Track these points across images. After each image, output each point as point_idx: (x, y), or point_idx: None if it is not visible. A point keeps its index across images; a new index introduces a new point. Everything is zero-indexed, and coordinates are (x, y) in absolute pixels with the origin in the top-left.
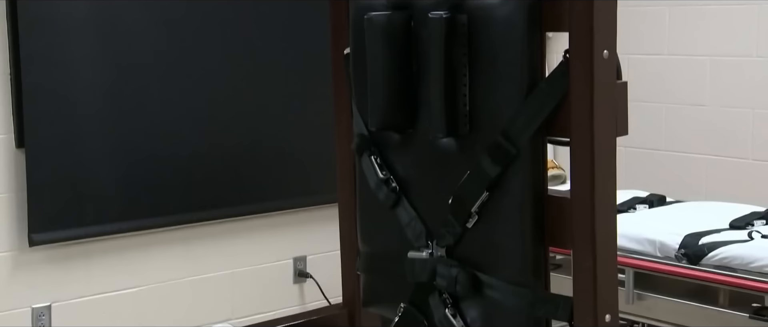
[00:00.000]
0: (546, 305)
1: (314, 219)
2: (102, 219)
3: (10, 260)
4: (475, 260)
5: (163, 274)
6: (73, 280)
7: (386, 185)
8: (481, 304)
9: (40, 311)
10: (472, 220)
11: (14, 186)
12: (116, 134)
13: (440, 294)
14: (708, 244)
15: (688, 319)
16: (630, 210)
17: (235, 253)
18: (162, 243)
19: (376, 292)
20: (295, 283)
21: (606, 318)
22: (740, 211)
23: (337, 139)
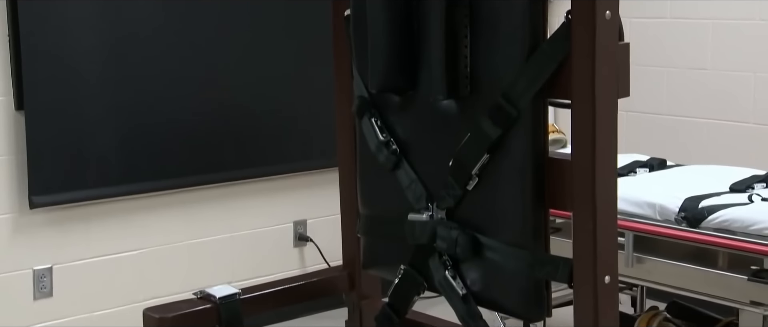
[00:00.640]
0: (546, 267)
1: (314, 183)
2: (102, 182)
3: (11, 222)
4: (475, 222)
5: (163, 238)
6: (73, 242)
7: (386, 147)
8: (481, 266)
9: (41, 273)
10: (472, 182)
11: (14, 148)
12: (116, 98)
13: (440, 256)
14: (708, 207)
15: (687, 282)
16: (630, 174)
17: (235, 216)
18: (162, 206)
19: (376, 254)
20: (295, 246)
21: (605, 279)
22: (741, 174)
23: (337, 101)
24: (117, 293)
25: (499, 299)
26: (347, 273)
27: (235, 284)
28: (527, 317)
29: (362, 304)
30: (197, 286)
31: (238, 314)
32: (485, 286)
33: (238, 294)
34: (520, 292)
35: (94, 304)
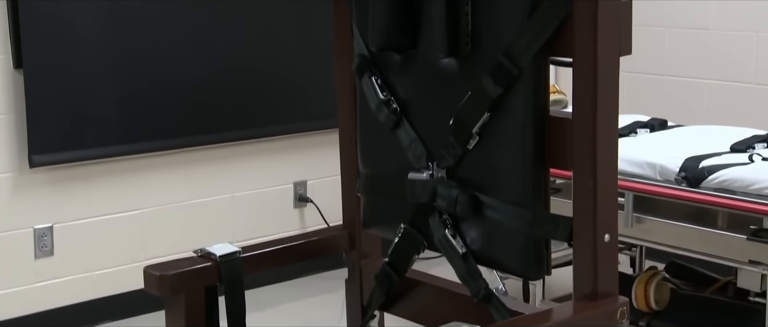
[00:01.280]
0: (546, 225)
1: (315, 144)
2: (102, 142)
3: (11, 181)
4: (476, 181)
5: (163, 198)
6: (74, 201)
7: (387, 106)
8: (481, 225)
9: (42, 232)
10: (472, 141)
11: (13, 107)
12: (116, 58)
13: (440, 215)
14: (708, 167)
15: (686, 242)
16: (631, 134)
17: (235, 177)
18: (162, 166)
19: (376, 213)
20: (295, 207)
21: (605, 238)
22: (742, 134)
23: (337, 60)
24: (118, 252)
25: (498, 258)
26: (347, 232)
27: (235, 244)
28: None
29: (362, 263)
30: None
31: (239, 272)
32: (485, 245)
33: (239, 252)
34: (520, 250)
35: (95, 263)
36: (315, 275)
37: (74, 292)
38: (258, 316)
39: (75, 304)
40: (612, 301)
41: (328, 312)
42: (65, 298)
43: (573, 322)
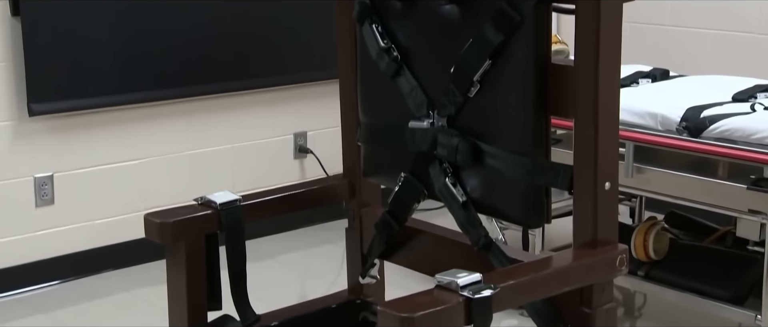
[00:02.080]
0: (546, 173)
1: (315, 95)
2: (101, 91)
3: (11, 130)
4: (476, 129)
5: (163, 148)
6: (74, 150)
7: (387, 54)
8: (481, 173)
9: (42, 181)
10: (473, 89)
11: (11, 55)
12: (115, 6)
13: (440, 163)
14: (710, 117)
15: (686, 191)
16: (632, 84)
17: (235, 127)
18: (162, 116)
19: (377, 162)
20: (295, 158)
21: (606, 185)
22: (744, 84)
23: (337, 7)
24: (118, 202)
25: (499, 206)
26: (347, 181)
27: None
28: (527, 224)
29: (362, 213)
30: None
31: (239, 220)
32: (485, 193)
33: (239, 200)
34: (520, 199)
35: (96, 213)
36: (315, 226)
37: (75, 240)
38: (258, 266)
39: (76, 253)
40: (612, 249)
41: (328, 262)
42: (66, 246)
43: (573, 269)
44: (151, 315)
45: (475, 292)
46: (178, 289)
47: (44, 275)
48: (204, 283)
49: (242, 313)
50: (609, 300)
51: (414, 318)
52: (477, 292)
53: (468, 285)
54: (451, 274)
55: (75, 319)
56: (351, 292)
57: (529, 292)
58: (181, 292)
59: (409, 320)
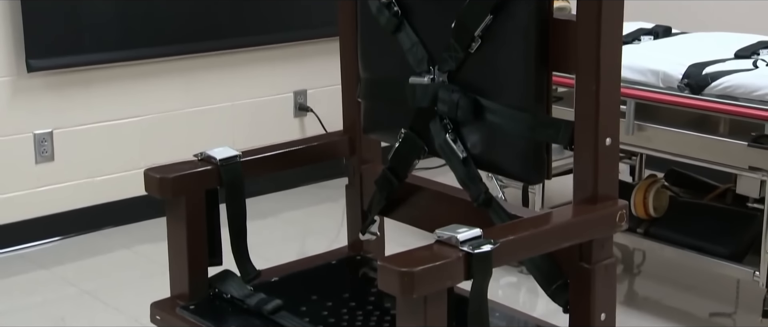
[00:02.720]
0: (547, 129)
1: (315, 52)
2: (100, 47)
3: (9, 85)
4: (477, 85)
5: (163, 105)
6: (73, 107)
7: (387, 9)
8: (482, 129)
9: (42, 137)
10: (474, 44)
11: (9, 11)
12: None
13: (441, 119)
14: (711, 74)
15: (687, 149)
16: (634, 41)
17: (235, 85)
18: (162, 73)
19: (377, 118)
20: (295, 116)
21: (606, 141)
22: (746, 40)
23: None
24: (118, 159)
25: (499, 162)
26: (348, 137)
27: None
28: (527, 180)
29: (362, 169)
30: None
31: (239, 175)
32: (486, 149)
33: (239, 156)
34: (521, 154)
35: (96, 169)
36: (315, 184)
37: (76, 197)
38: (259, 223)
39: (77, 210)
40: (612, 205)
41: (328, 220)
42: (67, 203)
43: (572, 225)
44: (152, 271)
45: (475, 247)
46: (178, 245)
47: (45, 231)
48: (204, 239)
49: (243, 269)
50: (608, 256)
51: (414, 273)
52: (477, 247)
53: (468, 240)
54: (451, 229)
55: (76, 275)
56: (351, 248)
57: (528, 247)
58: (181, 248)
59: (409, 275)
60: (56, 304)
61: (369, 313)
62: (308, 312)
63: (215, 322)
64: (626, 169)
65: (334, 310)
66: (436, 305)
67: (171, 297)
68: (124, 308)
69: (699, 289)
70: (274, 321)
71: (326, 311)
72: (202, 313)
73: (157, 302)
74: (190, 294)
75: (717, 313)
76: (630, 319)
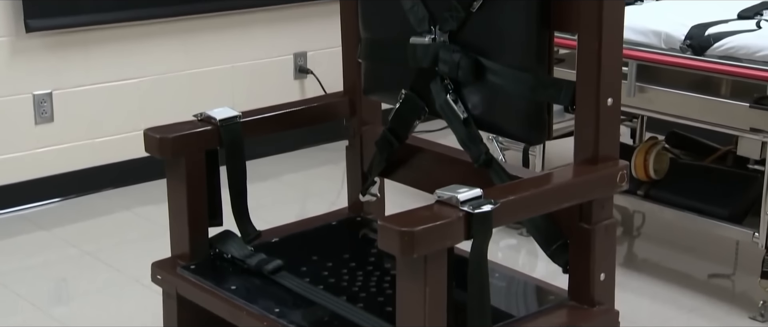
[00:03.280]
0: (548, 90)
1: (315, 14)
2: (100, 7)
3: (8, 46)
4: (478, 45)
5: (163, 66)
6: (72, 68)
7: None
8: (483, 90)
9: (41, 98)
10: (476, 3)
11: None
12: None
13: (442, 80)
14: (714, 35)
15: (688, 111)
16: (637, 2)
17: (235, 47)
18: (161, 34)
19: (377, 79)
20: (295, 79)
21: (608, 101)
22: (750, 1)
23: None
24: (118, 120)
25: (500, 123)
26: (348, 98)
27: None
28: (528, 140)
29: (363, 130)
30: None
31: (239, 136)
32: (487, 110)
33: (239, 116)
34: (522, 115)
35: (96, 130)
36: (316, 147)
37: (76, 158)
38: (259, 186)
39: (77, 171)
40: (612, 165)
41: (328, 182)
42: (67, 164)
43: (573, 185)
44: (153, 232)
45: (475, 207)
46: (178, 205)
47: (45, 192)
48: (204, 199)
49: (243, 229)
50: (609, 216)
51: (414, 232)
52: (477, 207)
53: (468, 200)
54: (452, 189)
55: (77, 236)
56: (351, 209)
57: (529, 207)
58: (181, 208)
59: (409, 235)
60: (57, 265)
61: (369, 273)
62: (308, 272)
63: (216, 281)
64: (627, 132)
65: (334, 270)
66: (436, 265)
67: (172, 257)
68: (125, 269)
69: (698, 251)
70: (275, 281)
71: (326, 271)
72: (203, 272)
73: (158, 262)
74: (190, 254)
75: (716, 274)
76: (629, 280)
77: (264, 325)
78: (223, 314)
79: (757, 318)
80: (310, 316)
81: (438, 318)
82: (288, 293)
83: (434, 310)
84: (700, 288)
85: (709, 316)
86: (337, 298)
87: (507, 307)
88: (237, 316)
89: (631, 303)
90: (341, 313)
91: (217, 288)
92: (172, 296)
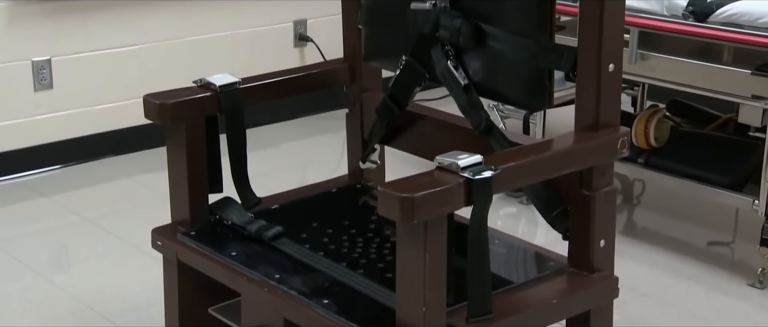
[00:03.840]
0: (549, 55)
1: None
2: None
3: (7, 11)
4: (479, 11)
5: (162, 34)
6: (71, 35)
7: None
8: (484, 56)
9: (40, 64)
10: None
11: None
12: None
13: (443, 46)
14: (716, 1)
15: (689, 78)
16: None
17: (234, 14)
18: (161, 1)
19: (377, 45)
20: (295, 47)
21: (609, 67)
22: None
23: None
24: (117, 87)
25: (501, 89)
26: (348, 65)
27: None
28: (529, 107)
29: (363, 97)
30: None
31: (239, 102)
32: (487, 76)
33: (239, 82)
34: (523, 81)
35: (95, 98)
36: (316, 115)
37: (75, 125)
38: (259, 154)
39: (77, 138)
40: (613, 131)
41: (329, 151)
42: (67, 131)
43: (574, 151)
44: (153, 200)
45: (475, 173)
46: (178, 171)
47: (45, 159)
48: (204, 166)
49: (243, 196)
50: (609, 183)
51: (414, 198)
52: (478, 173)
53: (469, 166)
54: (452, 155)
55: (77, 203)
56: (351, 176)
57: (529, 173)
58: (181, 174)
59: (409, 200)
60: (58, 232)
61: (369, 240)
62: (308, 239)
63: (216, 247)
64: (628, 101)
65: (334, 237)
66: (436, 231)
67: (172, 223)
68: (126, 236)
69: (698, 219)
70: (275, 247)
71: (326, 238)
72: (203, 239)
73: (158, 228)
74: (190, 220)
75: (715, 242)
76: (628, 248)
77: (264, 290)
78: (223, 280)
79: (755, 285)
80: (310, 282)
81: (438, 284)
82: (288, 259)
83: (434, 275)
84: (700, 255)
85: (707, 284)
86: (337, 265)
87: (507, 274)
88: (237, 281)
89: (630, 270)
90: (341, 280)
91: (218, 254)
92: (173, 262)
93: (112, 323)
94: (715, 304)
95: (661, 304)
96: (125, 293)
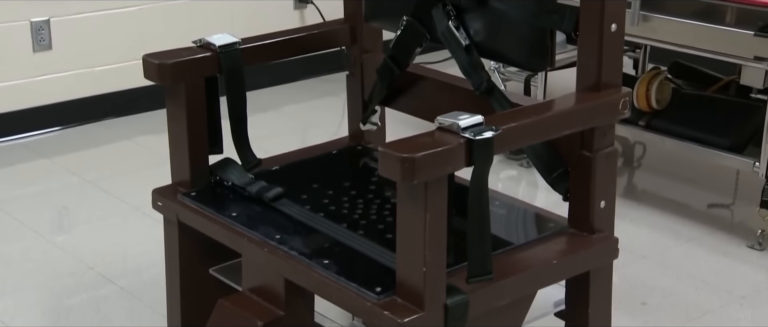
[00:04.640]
0: (551, 16)
1: None
2: None
3: None
4: None
5: None
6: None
7: None
8: (485, 16)
9: (39, 25)
10: None
11: None
12: None
13: (444, 5)
14: None
15: (692, 39)
16: None
17: None
18: None
19: (378, 5)
20: (295, 9)
21: (612, 27)
22: None
23: None
24: (117, 49)
25: (502, 50)
26: (349, 26)
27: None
28: (530, 67)
29: (363, 59)
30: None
31: (239, 62)
32: (489, 36)
33: (238, 43)
34: (524, 41)
35: (94, 59)
36: (316, 78)
37: (75, 87)
38: (260, 117)
39: (77, 99)
40: (615, 92)
41: (329, 113)
42: (67, 92)
43: (575, 112)
44: (154, 162)
45: (476, 134)
46: (178, 131)
47: (45, 121)
48: (204, 126)
49: (243, 157)
50: (610, 144)
51: (415, 158)
52: (478, 133)
53: (469, 126)
54: (453, 116)
55: (78, 164)
56: (352, 138)
57: (530, 134)
58: (181, 134)
59: (410, 160)
60: (58, 193)
61: (369, 201)
62: (309, 200)
63: (216, 208)
64: (630, 63)
65: (334, 198)
66: (436, 192)
67: (172, 184)
68: (126, 197)
69: (698, 182)
70: (275, 208)
71: (327, 199)
72: (204, 199)
73: (158, 189)
74: (191, 181)
75: (715, 204)
76: (629, 210)
77: (265, 251)
78: (223, 240)
79: (755, 247)
80: (310, 243)
81: (438, 244)
82: (288, 220)
83: (434, 236)
84: (699, 217)
85: (707, 245)
86: (338, 226)
87: (507, 235)
88: (238, 242)
89: (630, 232)
90: (342, 240)
91: (218, 214)
92: (173, 223)
93: (114, 283)
94: (714, 265)
95: (660, 266)
96: (126, 254)
